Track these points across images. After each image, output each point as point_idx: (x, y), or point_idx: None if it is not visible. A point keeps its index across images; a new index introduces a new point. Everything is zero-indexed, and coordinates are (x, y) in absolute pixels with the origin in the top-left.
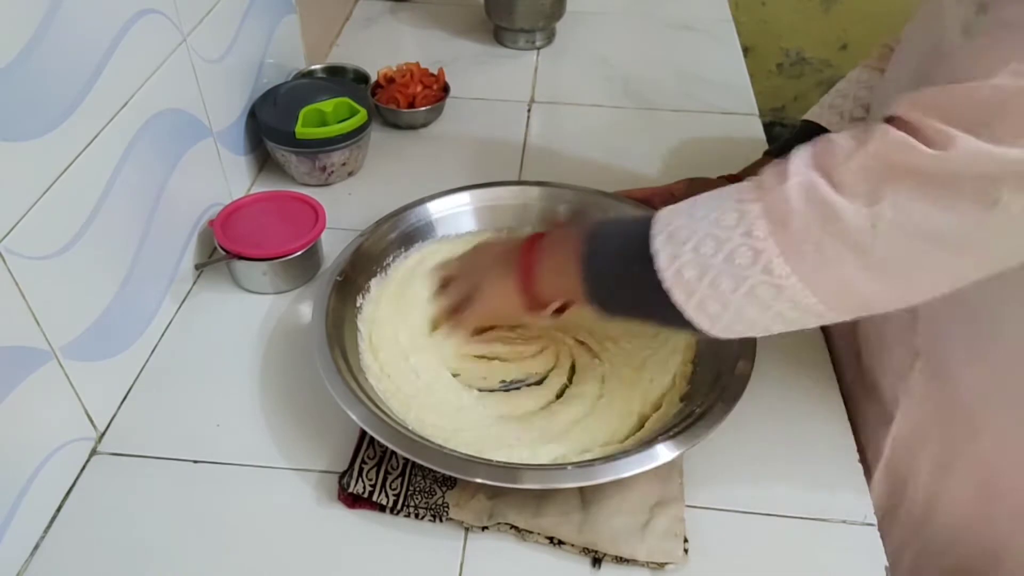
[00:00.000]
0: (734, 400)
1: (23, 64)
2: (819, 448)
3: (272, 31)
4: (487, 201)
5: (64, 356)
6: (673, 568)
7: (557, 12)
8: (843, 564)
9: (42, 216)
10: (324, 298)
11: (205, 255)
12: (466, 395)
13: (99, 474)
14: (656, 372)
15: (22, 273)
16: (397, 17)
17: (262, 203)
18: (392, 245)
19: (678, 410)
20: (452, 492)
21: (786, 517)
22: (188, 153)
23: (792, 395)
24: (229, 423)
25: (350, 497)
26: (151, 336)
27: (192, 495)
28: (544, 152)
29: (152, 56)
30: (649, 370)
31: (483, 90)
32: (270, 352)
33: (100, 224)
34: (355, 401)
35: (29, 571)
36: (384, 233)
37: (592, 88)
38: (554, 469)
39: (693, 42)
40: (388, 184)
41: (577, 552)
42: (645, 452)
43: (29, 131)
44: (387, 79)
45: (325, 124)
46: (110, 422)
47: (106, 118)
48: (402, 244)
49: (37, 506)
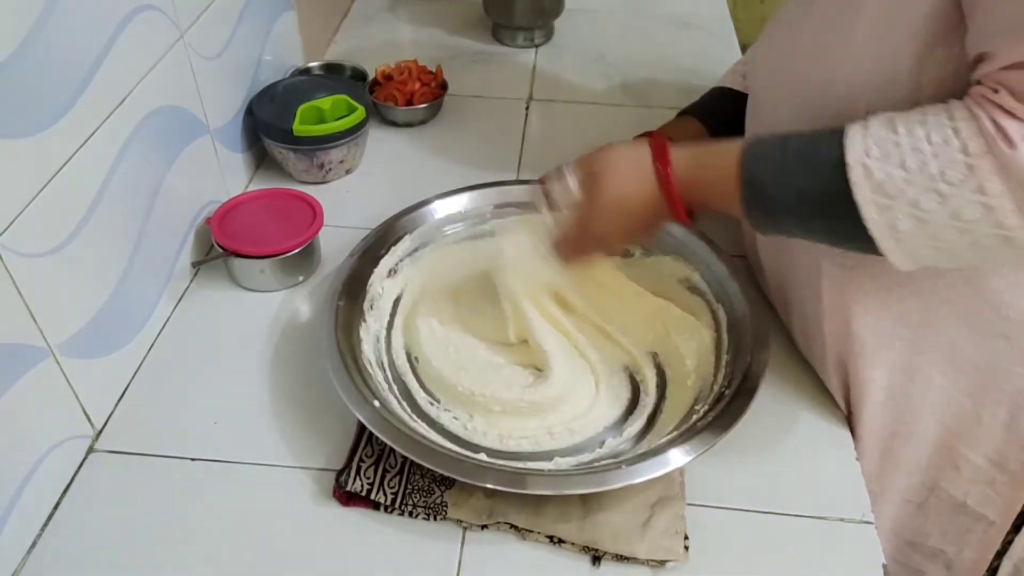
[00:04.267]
0: (743, 409)
1: (19, 61)
2: (818, 447)
3: (270, 28)
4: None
5: (61, 353)
6: (673, 566)
7: (555, 9)
8: (841, 561)
9: (38, 213)
10: (333, 296)
11: (202, 252)
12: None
13: (96, 471)
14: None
15: (19, 270)
16: (395, 14)
17: (259, 200)
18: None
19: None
20: (451, 491)
21: (785, 515)
22: (185, 150)
23: (791, 394)
24: (227, 420)
25: (345, 495)
26: (148, 333)
27: (189, 493)
28: (542, 149)
29: (149, 53)
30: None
31: (481, 88)
32: (268, 349)
33: (97, 221)
34: (362, 401)
35: (26, 568)
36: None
37: (590, 86)
38: (562, 475)
39: (691, 40)
40: (386, 181)
41: (577, 550)
42: (654, 459)
43: (25, 128)
44: (385, 76)
45: (323, 121)
46: (107, 420)
47: (103, 115)
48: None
49: (34, 503)
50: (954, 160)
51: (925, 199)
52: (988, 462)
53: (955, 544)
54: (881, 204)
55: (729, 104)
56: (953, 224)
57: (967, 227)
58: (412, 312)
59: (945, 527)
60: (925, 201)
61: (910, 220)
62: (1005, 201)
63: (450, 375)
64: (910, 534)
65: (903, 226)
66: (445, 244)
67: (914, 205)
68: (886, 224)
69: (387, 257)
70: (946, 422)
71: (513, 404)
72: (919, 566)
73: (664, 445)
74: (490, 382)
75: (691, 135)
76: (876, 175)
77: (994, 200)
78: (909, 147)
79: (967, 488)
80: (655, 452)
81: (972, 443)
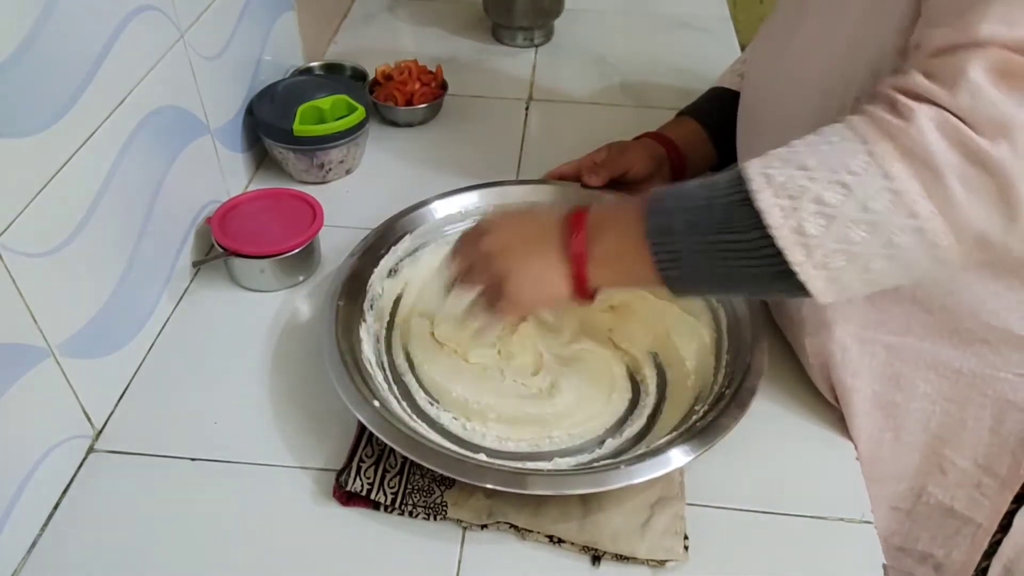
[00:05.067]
0: (743, 409)
1: (19, 60)
2: (817, 447)
3: (270, 28)
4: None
5: (61, 353)
6: (673, 566)
7: (555, 9)
8: (841, 561)
9: (39, 213)
10: (333, 296)
11: (202, 252)
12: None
13: (96, 471)
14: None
15: (19, 270)
16: (395, 14)
17: (260, 200)
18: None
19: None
20: (451, 491)
21: (785, 515)
22: (185, 150)
23: (791, 394)
24: (227, 421)
25: (345, 495)
26: (148, 333)
27: (189, 493)
28: (542, 149)
29: (149, 53)
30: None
31: (481, 88)
32: (268, 349)
33: (97, 221)
34: (362, 401)
35: (26, 569)
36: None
37: (590, 86)
38: (561, 475)
39: (691, 40)
40: (386, 182)
41: (577, 550)
42: (654, 459)
43: (25, 128)
44: (385, 76)
45: (323, 121)
46: (107, 420)
47: (103, 115)
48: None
49: (34, 503)
50: (854, 151)
51: (829, 193)
52: (975, 466)
53: (944, 547)
54: (785, 207)
55: (727, 104)
56: (863, 218)
57: (877, 220)
58: (409, 312)
59: (933, 531)
60: (830, 195)
61: (817, 219)
62: (912, 184)
63: (443, 380)
64: (899, 540)
65: (810, 228)
66: (446, 244)
67: (819, 201)
68: (791, 229)
69: (387, 257)
70: (932, 428)
71: (511, 415)
72: (909, 569)
73: (664, 445)
74: (485, 390)
75: (690, 136)
76: (777, 178)
77: (900, 184)
78: (808, 151)
79: (954, 492)
80: (655, 452)
81: (958, 447)
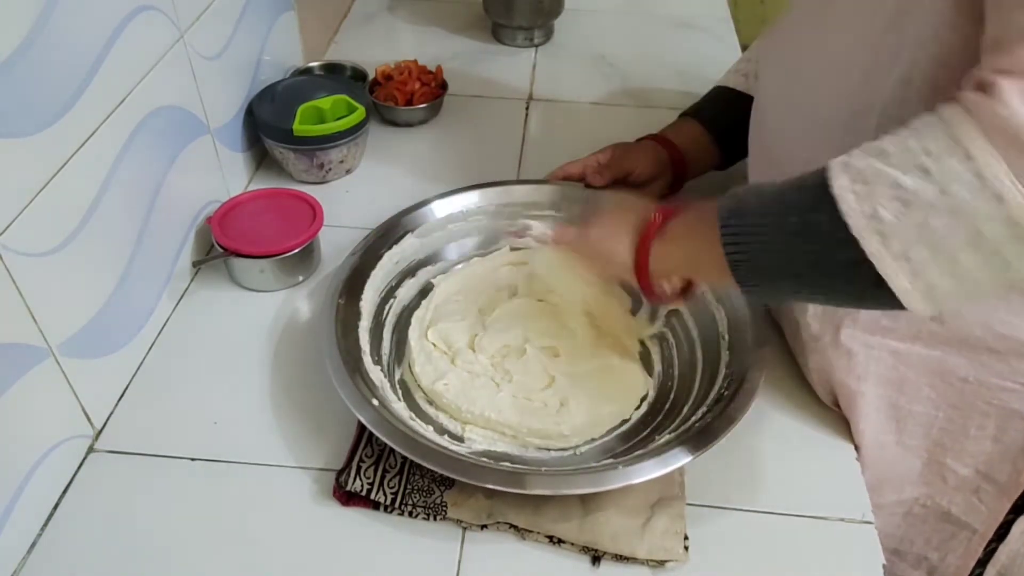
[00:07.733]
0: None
1: (19, 60)
2: (817, 447)
3: (270, 28)
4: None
5: (61, 353)
6: (673, 566)
7: (555, 9)
8: (841, 561)
9: (39, 213)
10: (333, 295)
11: (203, 252)
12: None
13: (96, 471)
14: None
15: (19, 270)
16: (395, 14)
17: (260, 200)
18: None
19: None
20: (450, 491)
21: (785, 515)
22: (185, 150)
23: (791, 394)
24: (227, 420)
25: (345, 494)
26: (148, 333)
27: (189, 493)
28: (542, 149)
29: (149, 53)
30: None
31: (481, 87)
32: (268, 349)
33: (97, 221)
34: (362, 401)
35: (26, 568)
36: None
37: (590, 85)
38: (561, 475)
39: (692, 40)
40: (386, 181)
41: (577, 550)
42: (654, 459)
43: (25, 128)
44: (385, 76)
45: (323, 121)
46: (107, 419)
47: (103, 115)
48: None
49: (34, 503)
50: (935, 134)
51: (907, 177)
52: (975, 473)
53: (939, 551)
54: (859, 192)
55: (730, 104)
56: (944, 203)
57: (959, 206)
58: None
59: (929, 535)
60: (907, 179)
61: (893, 204)
62: (998, 165)
63: (428, 383)
64: (895, 543)
65: (886, 213)
66: (488, 266)
67: (895, 185)
68: (865, 215)
69: (421, 272)
70: (934, 435)
71: (513, 428)
72: (903, 572)
73: (664, 445)
74: (477, 399)
75: (691, 138)
76: (856, 164)
77: (983, 164)
78: (891, 139)
79: (952, 496)
80: (655, 452)
81: (959, 454)
